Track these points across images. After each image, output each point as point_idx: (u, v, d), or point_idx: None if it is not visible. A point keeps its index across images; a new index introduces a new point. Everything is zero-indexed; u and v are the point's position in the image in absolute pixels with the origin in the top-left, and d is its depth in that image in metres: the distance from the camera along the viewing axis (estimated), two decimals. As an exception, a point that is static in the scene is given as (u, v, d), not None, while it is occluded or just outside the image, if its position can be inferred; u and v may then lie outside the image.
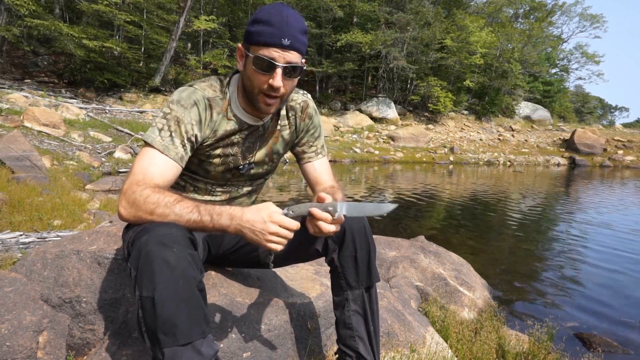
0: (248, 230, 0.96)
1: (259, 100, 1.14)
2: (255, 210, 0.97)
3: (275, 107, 1.17)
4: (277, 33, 1.05)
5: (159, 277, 0.87)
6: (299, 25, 1.09)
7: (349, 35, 21.54)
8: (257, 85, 1.12)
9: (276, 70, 1.08)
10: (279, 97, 1.14)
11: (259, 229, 0.95)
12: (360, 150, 17.14)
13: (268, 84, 1.10)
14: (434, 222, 5.87)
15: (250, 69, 1.11)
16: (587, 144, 21.65)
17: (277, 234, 0.95)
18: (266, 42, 1.06)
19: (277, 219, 0.96)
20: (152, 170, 1.07)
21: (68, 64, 16.34)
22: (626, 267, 3.97)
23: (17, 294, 1.37)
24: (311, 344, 1.47)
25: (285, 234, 0.96)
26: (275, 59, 1.07)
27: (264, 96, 1.13)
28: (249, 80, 1.13)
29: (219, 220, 0.98)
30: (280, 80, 1.09)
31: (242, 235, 0.98)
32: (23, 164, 5.15)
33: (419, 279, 2.63)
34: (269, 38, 1.06)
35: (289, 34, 1.06)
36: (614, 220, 6.47)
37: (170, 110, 1.12)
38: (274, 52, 1.07)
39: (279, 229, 0.95)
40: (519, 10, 31.67)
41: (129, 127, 11.73)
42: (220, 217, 0.98)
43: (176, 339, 0.88)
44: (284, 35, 1.06)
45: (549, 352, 1.99)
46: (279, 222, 0.96)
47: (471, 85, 24.58)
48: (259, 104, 1.15)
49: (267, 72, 1.09)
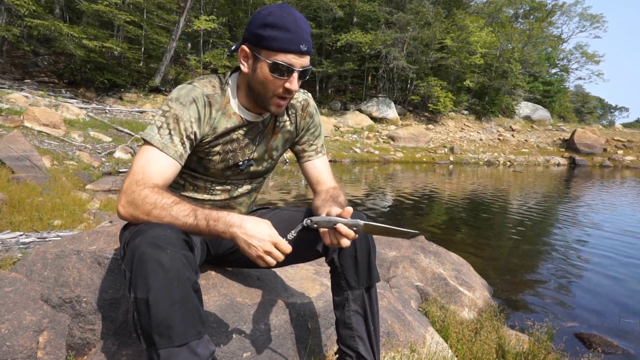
0: (242, 241, 0.97)
1: (271, 102, 1.15)
2: (255, 223, 0.97)
3: (284, 108, 1.20)
4: (296, 39, 1.07)
5: (153, 279, 0.87)
6: (308, 29, 1.12)
7: (349, 35, 21.55)
8: (272, 90, 1.13)
9: (293, 74, 1.10)
10: (290, 97, 1.17)
11: (255, 243, 0.96)
12: (360, 150, 17.15)
13: (284, 88, 1.12)
14: (433, 222, 5.87)
15: (266, 74, 1.11)
16: (587, 144, 21.65)
17: (271, 254, 0.96)
18: (284, 49, 1.07)
19: (276, 240, 0.97)
20: (152, 168, 1.07)
21: (68, 64, 16.34)
22: (626, 267, 3.97)
23: (17, 294, 1.37)
24: (311, 344, 1.47)
25: (277, 256, 0.97)
26: (293, 65, 1.09)
27: (277, 99, 1.15)
28: (261, 84, 1.13)
29: (215, 226, 0.98)
30: (297, 84, 1.12)
31: (235, 242, 0.98)
32: (23, 164, 5.15)
33: (419, 279, 2.63)
34: (287, 45, 1.06)
35: (304, 40, 1.08)
36: (614, 220, 6.47)
37: (169, 108, 1.13)
38: (293, 59, 1.08)
39: (273, 249, 0.96)
40: (519, 10, 31.67)
41: (129, 127, 11.74)
42: (216, 223, 0.98)
43: (171, 340, 0.87)
44: (301, 41, 1.07)
45: (549, 352, 1.99)
46: (276, 244, 0.96)
47: (471, 85, 24.59)
48: (270, 106, 1.16)
49: (283, 77, 1.10)
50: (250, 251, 0.97)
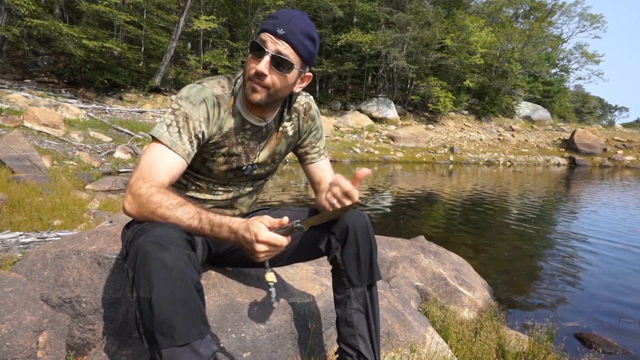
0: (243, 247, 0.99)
1: (247, 87, 1.16)
2: (244, 229, 0.97)
3: (262, 98, 1.16)
4: (277, 23, 1.11)
5: (156, 278, 0.87)
6: (302, 26, 1.12)
7: (349, 35, 21.56)
8: (247, 71, 1.16)
9: (264, 57, 1.11)
10: (266, 88, 1.15)
11: (250, 248, 0.97)
12: (360, 150, 17.15)
13: (255, 70, 1.13)
14: (434, 222, 5.87)
15: (248, 56, 1.16)
16: (587, 144, 21.65)
17: (267, 252, 0.97)
18: (263, 29, 1.13)
19: (264, 238, 0.95)
20: (159, 166, 1.08)
21: (68, 64, 16.33)
22: (626, 267, 3.97)
23: (17, 294, 1.37)
24: (311, 344, 1.47)
25: (274, 250, 0.98)
26: (265, 44, 1.11)
27: (250, 82, 1.15)
28: (245, 68, 1.18)
29: (219, 232, 0.99)
30: (265, 66, 1.11)
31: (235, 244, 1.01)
32: (23, 164, 5.15)
33: (419, 279, 2.63)
34: (267, 25, 1.12)
35: (286, 26, 1.10)
36: (614, 219, 6.47)
37: (179, 106, 1.14)
38: (267, 37, 1.11)
39: (267, 247, 0.96)
40: (519, 10, 31.71)
41: (129, 127, 11.74)
42: (220, 230, 0.99)
43: (174, 339, 0.88)
44: (281, 25, 1.10)
45: (549, 352, 1.99)
46: (266, 241, 0.95)
47: (471, 85, 24.59)
48: (247, 90, 1.17)
49: (258, 58, 1.13)
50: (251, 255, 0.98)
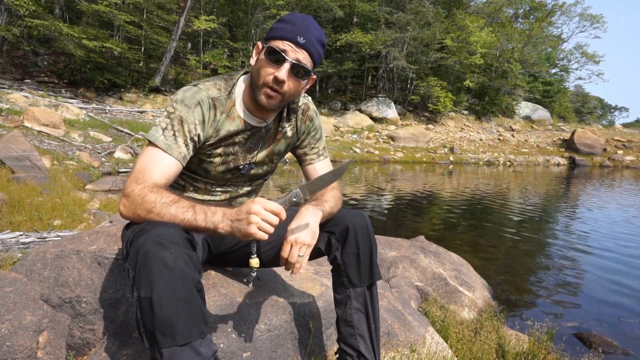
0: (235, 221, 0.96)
1: (261, 92, 1.15)
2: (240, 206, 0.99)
3: (276, 104, 1.17)
4: (295, 31, 1.11)
5: (157, 278, 0.87)
6: (318, 34, 1.14)
7: (349, 35, 21.55)
8: (263, 77, 1.14)
9: (284, 63, 1.11)
10: (281, 94, 1.15)
11: (244, 212, 0.95)
12: (360, 150, 17.14)
13: (274, 76, 1.12)
14: (434, 222, 5.87)
15: (261, 60, 1.14)
16: (587, 144, 21.64)
17: (259, 214, 0.94)
18: (282, 36, 1.12)
19: (260, 200, 0.96)
20: (154, 169, 1.08)
21: (68, 64, 16.33)
22: (626, 267, 3.97)
23: (17, 294, 1.37)
24: (311, 344, 1.47)
25: (268, 218, 0.95)
26: (286, 52, 1.11)
27: (267, 88, 1.14)
28: (257, 72, 1.16)
29: (212, 217, 0.99)
30: (285, 74, 1.11)
31: (231, 233, 0.97)
32: (23, 164, 5.15)
33: (419, 279, 2.63)
34: (286, 33, 1.12)
35: (305, 35, 1.11)
36: (614, 219, 6.47)
37: (174, 109, 1.13)
38: (287, 46, 1.11)
39: (261, 209, 0.94)
40: (519, 10, 31.69)
41: (129, 127, 11.73)
42: (214, 215, 0.99)
43: (174, 339, 0.88)
44: (301, 34, 1.11)
45: (549, 352, 1.99)
46: (262, 204, 0.95)
47: (471, 85, 24.58)
48: (260, 96, 1.15)
49: (276, 64, 1.12)
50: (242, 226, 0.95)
